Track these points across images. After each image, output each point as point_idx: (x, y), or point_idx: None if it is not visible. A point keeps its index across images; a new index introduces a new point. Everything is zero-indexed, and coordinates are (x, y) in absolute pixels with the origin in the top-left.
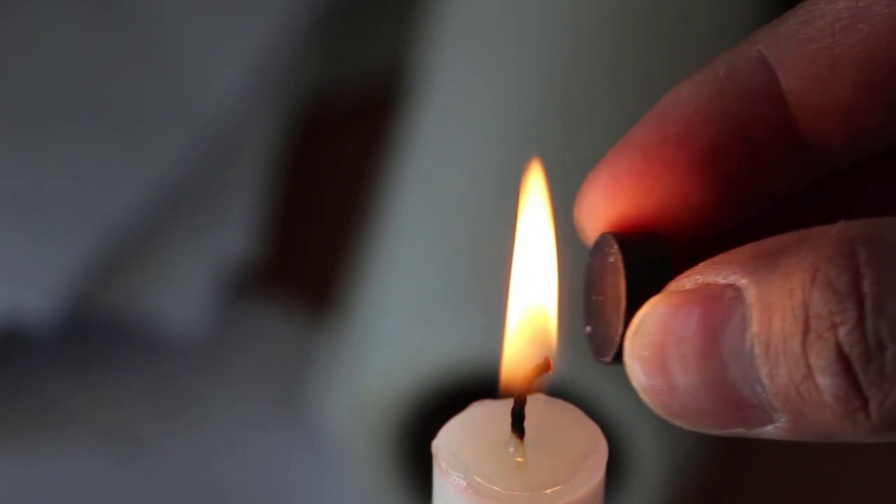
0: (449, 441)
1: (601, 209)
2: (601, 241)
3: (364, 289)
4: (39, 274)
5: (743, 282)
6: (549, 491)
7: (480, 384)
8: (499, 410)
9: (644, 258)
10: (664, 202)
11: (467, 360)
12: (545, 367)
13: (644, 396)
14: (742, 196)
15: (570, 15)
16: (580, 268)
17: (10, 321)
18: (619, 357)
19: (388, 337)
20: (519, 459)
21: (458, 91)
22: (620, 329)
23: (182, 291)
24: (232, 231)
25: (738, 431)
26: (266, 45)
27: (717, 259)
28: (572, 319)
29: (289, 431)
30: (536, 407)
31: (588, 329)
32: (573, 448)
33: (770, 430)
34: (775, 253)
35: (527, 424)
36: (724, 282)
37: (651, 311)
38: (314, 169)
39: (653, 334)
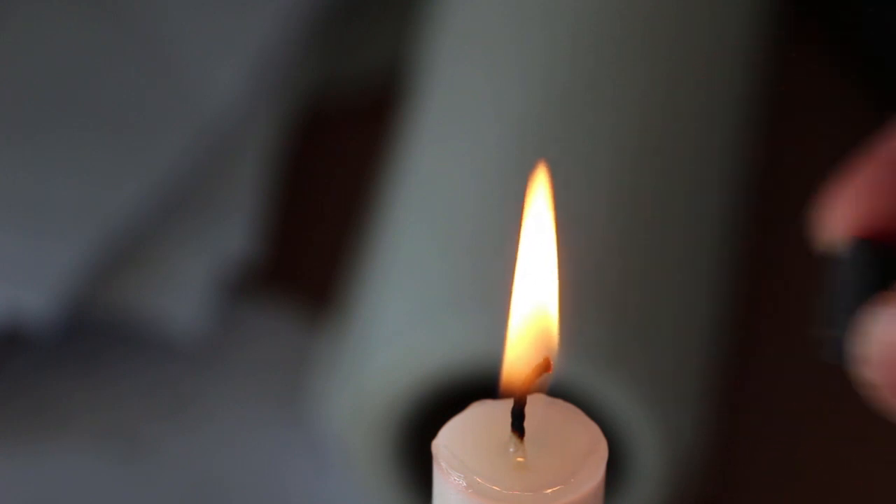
0: (449, 441)
1: (847, 216)
2: (843, 245)
3: (364, 289)
4: (39, 274)
5: None
6: (549, 491)
7: (480, 384)
8: (499, 410)
9: (883, 263)
10: None
11: (467, 360)
12: (545, 366)
13: (876, 397)
14: None
15: (570, 15)
16: (582, 269)
17: (10, 321)
18: (845, 357)
19: (388, 337)
20: (519, 459)
21: (459, 91)
22: (854, 330)
23: (182, 291)
24: (232, 231)
25: None
26: (266, 45)
27: None
28: (574, 320)
29: (289, 431)
30: (536, 407)
31: (821, 330)
32: (573, 448)
33: None
34: None
35: (527, 424)
36: None
37: (885, 312)
38: (314, 169)
39: (886, 335)
